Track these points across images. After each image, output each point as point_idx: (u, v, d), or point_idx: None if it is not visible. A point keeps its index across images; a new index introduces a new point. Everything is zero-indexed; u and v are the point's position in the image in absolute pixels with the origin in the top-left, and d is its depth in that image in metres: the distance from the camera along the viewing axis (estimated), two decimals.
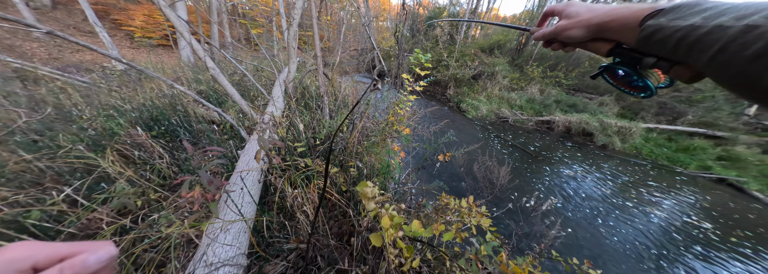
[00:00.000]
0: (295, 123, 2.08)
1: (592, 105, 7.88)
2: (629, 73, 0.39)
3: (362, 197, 1.08)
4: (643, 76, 0.38)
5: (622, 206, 3.84)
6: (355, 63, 8.49)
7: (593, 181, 4.58)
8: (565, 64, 9.67)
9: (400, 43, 3.28)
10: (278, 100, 2.63)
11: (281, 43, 6.54)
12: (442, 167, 3.50)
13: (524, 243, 2.34)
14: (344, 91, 3.27)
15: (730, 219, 3.97)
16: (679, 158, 6.06)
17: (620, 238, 3.01)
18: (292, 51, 2.88)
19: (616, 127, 6.45)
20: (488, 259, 1.33)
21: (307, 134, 2.10)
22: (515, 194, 3.24)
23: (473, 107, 7.46)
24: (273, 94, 2.83)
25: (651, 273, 2.53)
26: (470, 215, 1.56)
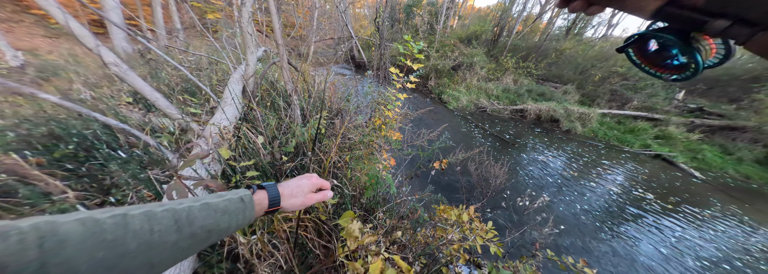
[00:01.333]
0: (251, 137, 1.26)
1: (557, 94, 7.73)
2: (671, 45, 0.28)
3: (347, 236, 0.83)
4: (692, 49, 0.26)
5: (582, 183, 4.02)
6: (332, 53, 7.21)
7: (560, 163, 4.68)
8: (535, 55, 9.22)
9: (381, 31, 2.42)
10: (231, 102, 1.73)
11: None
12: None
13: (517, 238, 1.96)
14: (319, 86, 2.43)
15: (664, 188, 4.32)
16: (626, 139, 6.21)
17: (582, 209, 3.22)
18: (248, 38, 1.92)
19: (578, 113, 6.36)
20: None
21: (272, 147, 1.28)
22: (507, 193, 2.82)
23: (454, 98, 6.93)
24: (225, 96, 1.89)
25: (607, 235, 2.76)
26: (473, 231, 1.34)
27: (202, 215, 0.29)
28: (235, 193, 0.37)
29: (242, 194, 0.37)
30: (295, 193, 0.43)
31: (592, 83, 8.28)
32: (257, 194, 0.40)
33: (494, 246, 1.38)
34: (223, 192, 0.36)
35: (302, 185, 0.44)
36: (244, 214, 0.35)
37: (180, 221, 0.27)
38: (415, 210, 1.60)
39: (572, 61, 9.09)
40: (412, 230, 1.54)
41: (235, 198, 0.35)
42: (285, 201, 0.41)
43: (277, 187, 0.42)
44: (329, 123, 2.11)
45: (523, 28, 10.91)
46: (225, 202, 0.33)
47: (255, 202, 0.38)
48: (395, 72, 1.70)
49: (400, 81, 1.70)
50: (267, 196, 0.40)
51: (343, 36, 6.38)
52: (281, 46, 1.89)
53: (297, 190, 0.43)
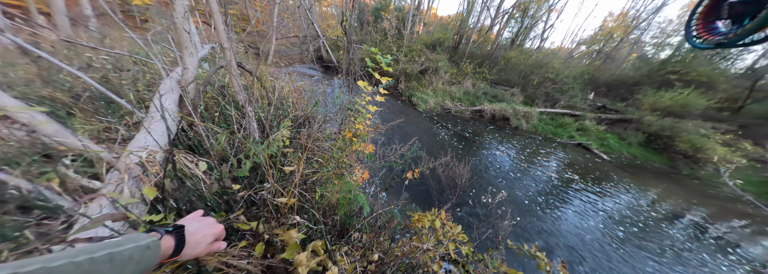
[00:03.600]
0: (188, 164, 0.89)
1: (507, 96, 8.42)
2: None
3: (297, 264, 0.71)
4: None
5: (530, 171, 4.51)
6: (297, 52, 6.26)
7: (513, 154, 5.16)
8: (488, 61, 9.88)
9: (348, 34, 2.12)
10: (159, 118, 1.27)
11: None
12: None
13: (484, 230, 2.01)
14: (282, 91, 2.04)
15: (584, 169, 5.22)
16: (557, 132, 7.11)
17: (532, 193, 3.69)
18: (185, 37, 1.46)
19: (523, 112, 7.03)
20: None
21: (221, 173, 0.90)
22: (473, 191, 2.87)
23: (423, 101, 7.00)
24: (153, 109, 1.40)
25: (544, 212, 3.17)
26: (446, 236, 1.32)
27: (105, 267, 0.26)
28: (138, 239, 0.32)
29: (149, 242, 0.32)
30: (200, 241, 0.38)
31: (532, 87, 9.28)
32: (165, 240, 0.35)
33: (465, 248, 1.38)
34: (125, 237, 0.31)
35: (207, 235, 0.39)
36: (147, 262, 0.30)
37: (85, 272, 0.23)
38: (391, 219, 1.46)
39: (516, 68, 10.02)
40: (390, 242, 1.40)
41: (142, 245, 0.31)
42: (186, 251, 0.36)
43: (185, 234, 0.37)
44: (294, 133, 1.79)
45: (478, 37, 11.58)
46: (129, 250, 0.29)
47: (161, 249, 0.33)
48: (364, 85, 1.48)
49: (370, 94, 1.49)
50: (174, 244, 0.35)
51: (309, 34, 5.60)
52: (227, 49, 1.48)
53: (202, 239, 0.39)
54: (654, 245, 3.03)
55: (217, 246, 0.42)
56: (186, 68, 1.64)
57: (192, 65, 1.66)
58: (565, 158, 5.64)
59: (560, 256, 2.42)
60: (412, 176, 1.75)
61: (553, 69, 9.39)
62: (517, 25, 12.09)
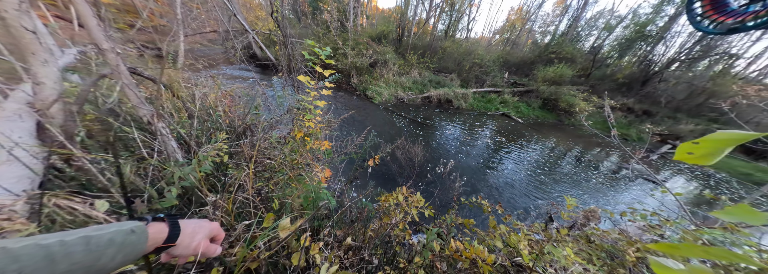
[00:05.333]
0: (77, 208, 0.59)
1: (447, 81, 9.17)
2: None
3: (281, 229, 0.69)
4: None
5: (471, 141, 5.25)
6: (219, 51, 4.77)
7: (457, 131, 5.85)
8: (429, 52, 10.40)
9: (282, 26, 1.81)
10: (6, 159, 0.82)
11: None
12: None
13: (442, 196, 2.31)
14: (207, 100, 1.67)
15: (508, 132, 6.45)
16: (487, 106, 8.36)
17: (471, 157, 4.40)
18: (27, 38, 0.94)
19: (461, 94, 7.86)
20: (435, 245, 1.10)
21: (135, 209, 0.65)
22: (429, 166, 3.16)
23: (377, 93, 6.99)
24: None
25: (486, 170, 3.88)
26: (409, 206, 1.38)
27: (80, 250, 0.23)
28: (122, 224, 0.29)
29: (133, 226, 0.29)
30: (196, 233, 0.35)
31: (465, 71, 10.40)
32: (153, 225, 0.32)
33: (427, 210, 1.52)
34: (106, 224, 0.28)
35: (203, 225, 0.37)
36: (133, 247, 0.27)
37: (52, 255, 0.21)
38: (362, 209, 1.46)
39: (452, 56, 10.94)
40: (364, 228, 1.42)
41: (124, 229, 0.28)
42: (183, 238, 0.33)
43: (179, 221, 0.34)
44: (234, 146, 1.52)
45: (418, 29, 11.89)
46: (110, 234, 0.26)
47: (149, 234, 0.30)
48: (306, 80, 1.31)
49: (315, 89, 1.35)
50: (167, 229, 0.32)
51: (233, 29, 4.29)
52: (108, 51, 1.06)
53: (198, 229, 0.35)
54: (555, 175, 4.18)
55: (215, 248, 0.39)
56: (40, 83, 1.12)
57: (49, 78, 1.14)
58: (495, 126, 6.82)
59: (499, 198, 3.02)
60: (373, 163, 1.76)
61: (478, 55, 10.68)
62: (448, 18, 12.91)
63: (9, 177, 0.89)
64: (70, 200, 0.80)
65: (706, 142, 0.35)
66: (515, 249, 1.02)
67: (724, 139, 0.33)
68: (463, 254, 0.89)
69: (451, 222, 1.55)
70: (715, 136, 0.34)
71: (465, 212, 2.39)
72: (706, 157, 0.35)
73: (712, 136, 0.35)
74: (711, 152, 0.35)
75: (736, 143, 0.33)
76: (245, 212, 1.00)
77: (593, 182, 4.30)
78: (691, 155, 0.36)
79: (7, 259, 0.19)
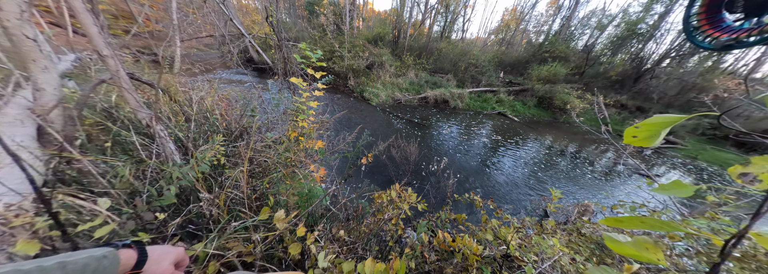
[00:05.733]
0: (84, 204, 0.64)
1: (443, 81, 9.24)
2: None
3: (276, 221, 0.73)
4: None
5: (469, 140, 5.30)
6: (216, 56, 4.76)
7: (454, 130, 5.90)
8: (425, 53, 10.50)
9: (277, 30, 1.85)
10: (8, 163, 0.86)
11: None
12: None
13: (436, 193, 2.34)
14: (204, 103, 1.70)
15: (504, 130, 6.51)
16: (483, 106, 8.43)
17: (468, 155, 4.44)
18: (28, 45, 0.99)
19: (457, 94, 7.92)
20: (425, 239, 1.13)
21: (135, 207, 0.70)
22: (424, 164, 3.19)
23: (374, 95, 7.05)
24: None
25: (483, 167, 3.95)
26: (403, 203, 1.40)
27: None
28: (94, 251, 0.30)
29: (105, 251, 0.30)
30: (161, 260, 0.36)
31: (461, 72, 10.50)
32: (123, 252, 0.33)
33: (420, 205, 1.54)
34: (78, 251, 0.29)
35: (169, 252, 0.38)
36: (105, 272, 0.28)
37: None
38: (357, 207, 1.49)
39: (447, 57, 11.06)
40: (358, 224, 1.44)
41: (96, 255, 0.29)
42: (149, 265, 0.34)
43: (145, 247, 0.35)
44: (231, 147, 1.55)
45: (414, 31, 12.03)
46: (84, 259, 0.27)
47: (121, 260, 0.31)
48: (299, 82, 1.35)
49: (308, 90, 1.39)
50: (136, 256, 0.33)
51: (230, 33, 4.28)
52: (109, 57, 1.10)
53: (164, 256, 0.37)
54: (552, 172, 4.23)
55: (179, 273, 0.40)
56: (40, 89, 1.15)
57: (50, 84, 1.17)
58: (491, 125, 6.87)
59: (497, 195, 3.05)
60: (366, 161, 1.79)
61: (474, 56, 10.81)
62: (443, 20, 13.08)
63: (14, 179, 0.92)
64: (75, 197, 0.83)
65: (645, 125, 0.39)
66: (504, 241, 1.05)
67: (658, 122, 0.38)
68: (450, 245, 0.92)
69: (445, 218, 1.58)
70: (653, 119, 0.38)
71: (460, 208, 2.42)
72: (647, 139, 0.40)
73: (649, 120, 0.39)
74: (651, 134, 0.39)
75: (668, 125, 0.37)
76: (238, 210, 1.03)
77: (588, 177, 4.35)
78: (636, 138, 0.40)
79: None
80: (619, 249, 0.35)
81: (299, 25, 9.26)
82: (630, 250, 0.34)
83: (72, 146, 1.12)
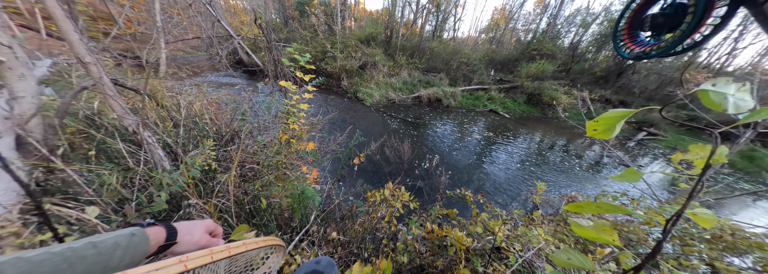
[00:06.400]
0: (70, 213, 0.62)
1: (436, 80, 9.31)
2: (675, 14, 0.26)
3: None
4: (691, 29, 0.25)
5: (463, 138, 5.37)
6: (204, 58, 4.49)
7: (448, 128, 5.97)
8: (417, 52, 10.53)
9: (266, 32, 1.83)
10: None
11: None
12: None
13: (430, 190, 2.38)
14: (192, 108, 1.67)
15: (496, 127, 6.64)
16: (475, 104, 8.56)
17: (463, 152, 4.52)
18: (2, 52, 0.88)
19: (450, 92, 7.99)
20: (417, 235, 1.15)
21: (125, 215, 0.69)
22: (417, 162, 3.23)
23: (368, 95, 7.04)
24: None
25: (476, 164, 3.99)
26: (396, 201, 1.41)
27: (91, 253, 0.25)
28: (121, 231, 0.31)
29: (132, 230, 0.32)
30: (192, 230, 0.38)
31: (453, 70, 10.61)
32: (150, 229, 0.34)
33: (412, 203, 1.55)
34: (106, 233, 0.30)
35: (197, 224, 0.40)
36: (137, 248, 0.30)
37: (69, 259, 0.23)
38: (351, 207, 1.50)
39: (440, 56, 11.14)
40: (352, 224, 1.45)
41: (124, 233, 0.30)
42: (182, 236, 0.36)
43: (171, 223, 0.37)
44: (222, 153, 1.53)
45: (406, 31, 12.05)
46: (113, 238, 0.28)
47: (150, 236, 0.32)
48: (287, 84, 1.35)
49: (298, 92, 1.38)
50: (164, 230, 0.35)
51: (217, 35, 4.06)
52: (92, 64, 1.06)
53: (193, 227, 0.38)
54: (542, 165, 4.35)
55: (217, 241, 0.41)
56: (17, 97, 1.11)
57: (27, 92, 1.13)
58: (483, 122, 7.00)
59: (489, 190, 3.12)
60: (358, 161, 1.80)
61: (465, 55, 10.94)
62: (434, 19, 13.15)
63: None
64: (62, 207, 0.81)
65: (603, 119, 0.42)
66: (493, 233, 1.09)
67: (614, 116, 0.41)
68: (438, 234, 0.95)
69: (437, 213, 1.61)
70: (608, 114, 0.41)
71: (452, 203, 2.47)
72: (606, 132, 0.43)
73: (605, 114, 0.42)
74: (608, 127, 0.42)
75: (622, 118, 0.40)
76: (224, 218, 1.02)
77: (577, 170, 4.50)
78: (596, 131, 0.43)
79: (29, 266, 0.20)
80: (582, 233, 0.38)
81: (290, 25, 9.08)
82: (591, 233, 0.37)
83: (54, 155, 1.08)
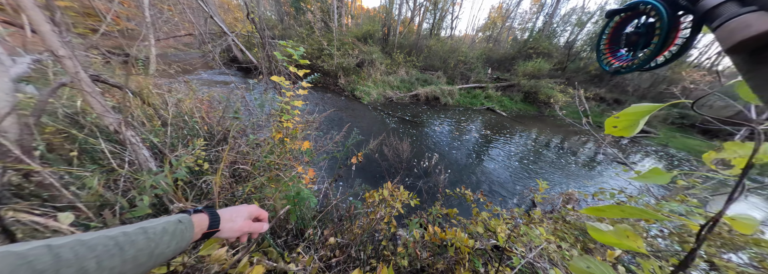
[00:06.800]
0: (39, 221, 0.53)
1: (434, 79, 9.27)
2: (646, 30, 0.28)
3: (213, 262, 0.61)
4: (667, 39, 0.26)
5: (461, 136, 5.37)
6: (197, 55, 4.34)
7: (445, 126, 5.96)
8: (415, 50, 10.45)
9: (260, 28, 1.74)
10: None
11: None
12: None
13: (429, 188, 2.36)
14: (182, 106, 1.59)
15: (493, 125, 6.65)
16: (472, 102, 8.57)
17: (461, 150, 4.54)
18: None
19: (448, 91, 7.97)
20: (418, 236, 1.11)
21: (105, 220, 0.61)
22: (416, 161, 3.20)
23: (366, 93, 6.96)
24: None
25: (475, 162, 4.05)
26: (395, 201, 1.39)
27: (141, 238, 0.27)
28: (169, 217, 0.32)
29: (179, 217, 0.33)
30: (234, 217, 0.38)
31: (451, 69, 10.58)
32: (195, 215, 0.35)
33: (412, 201, 1.52)
34: (155, 218, 0.32)
35: (240, 210, 0.40)
36: (183, 234, 0.31)
37: (120, 244, 0.24)
38: (349, 207, 1.46)
39: (437, 54, 11.08)
40: (351, 225, 1.41)
41: (172, 220, 0.31)
42: (224, 224, 0.37)
43: (215, 210, 0.38)
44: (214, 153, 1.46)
45: (403, 28, 11.92)
46: (162, 224, 0.30)
47: (194, 223, 0.34)
48: (278, 80, 1.26)
49: (292, 89, 1.31)
50: (207, 217, 0.36)
51: (210, 31, 3.99)
52: (66, 58, 0.98)
53: (235, 214, 0.39)
54: (539, 163, 4.38)
55: (259, 226, 0.42)
56: None
57: (1, 89, 1.04)
58: (481, 120, 7.01)
59: (487, 188, 3.12)
60: (356, 161, 1.75)
61: (462, 53, 10.89)
62: (432, 17, 13.03)
63: None
64: (29, 214, 0.74)
65: (625, 115, 0.38)
66: (494, 232, 1.06)
67: (637, 111, 0.37)
68: (441, 237, 0.92)
69: (437, 213, 1.59)
70: (631, 109, 0.38)
71: (451, 202, 2.45)
72: (627, 129, 0.39)
73: (628, 110, 0.38)
74: (630, 123, 0.39)
75: (647, 113, 0.37)
76: None
77: (573, 167, 4.54)
78: (616, 128, 0.40)
79: (84, 248, 0.21)
80: (601, 238, 0.35)
81: (285, 22, 8.87)
82: (612, 238, 0.34)
83: (30, 157, 1.00)
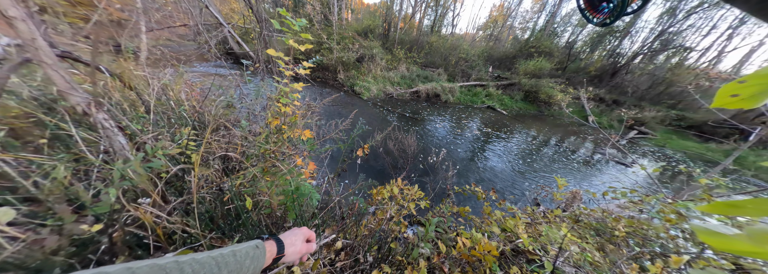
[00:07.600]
0: None
1: (434, 75, 9.15)
2: None
3: None
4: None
5: (462, 133, 5.32)
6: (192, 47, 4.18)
7: (446, 123, 5.88)
8: (416, 47, 10.28)
9: (257, 11, 1.58)
10: None
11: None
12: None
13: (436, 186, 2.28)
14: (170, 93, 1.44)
15: (493, 123, 6.60)
16: (473, 100, 8.50)
17: (461, 148, 4.47)
18: None
19: (448, 88, 7.87)
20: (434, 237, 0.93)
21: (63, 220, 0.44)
22: (421, 156, 3.11)
23: (366, 89, 6.81)
24: None
25: (477, 158, 4.05)
26: (405, 198, 1.32)
27: (232, 260, 0.31)
28: (250, 242, 0.37)
29: (256, 243, 0.37)
30: (294, 242, 0.42)
31: (452, 66, 10.45)
32: (267, 242, 0.39)
33: (423, 202, 1.44)
34: (242, 243, 0.37)
35: (297, 234, 0.44)
36: (258, 260, 0.35)
37: (220, 264, 0.28)
38: (353, 205, 1.35)
39: (438, 51, 10.93)
40: (356, 225, 1.31)
41: (251, 245, 0.36)
42: (288, 248, 0.41)
43: (278, 236, 0.42)
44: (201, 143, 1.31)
45: (404, 24, 11.69)
46: (246, 249, 0.34)
47: (266, 249, 0.38)
48: (275, 55, 1.06)
49: (291, 68, 1.13)
50: (275, 244, 0.40)
51: (206, 22, 3.78)
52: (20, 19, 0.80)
53: (294, 238, 0.43)
54: (539, 161, 4.35)
55: (310, 247, 0.45)
56: None
57: None
58: (481, 118, 6.97)
59: (491, 185, 3.06)
60: (362, 153, 1.64)
61: (463, 50, 10.76)
62: (433, 14, 12.80)
63: None
64: None
65: (756, 78, 0.28)
66: (514, 233, 0.97)
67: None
68: (473, 254, 0.80)
69: (447, 211, 1.51)
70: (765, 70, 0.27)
71: (459, 200, 2.37)
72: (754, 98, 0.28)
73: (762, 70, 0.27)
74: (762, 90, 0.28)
75: None
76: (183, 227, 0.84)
77: (573, 166, 4.52)
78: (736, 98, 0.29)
79: (195, 265, 0.26)
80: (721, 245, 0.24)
81: None
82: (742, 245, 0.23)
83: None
